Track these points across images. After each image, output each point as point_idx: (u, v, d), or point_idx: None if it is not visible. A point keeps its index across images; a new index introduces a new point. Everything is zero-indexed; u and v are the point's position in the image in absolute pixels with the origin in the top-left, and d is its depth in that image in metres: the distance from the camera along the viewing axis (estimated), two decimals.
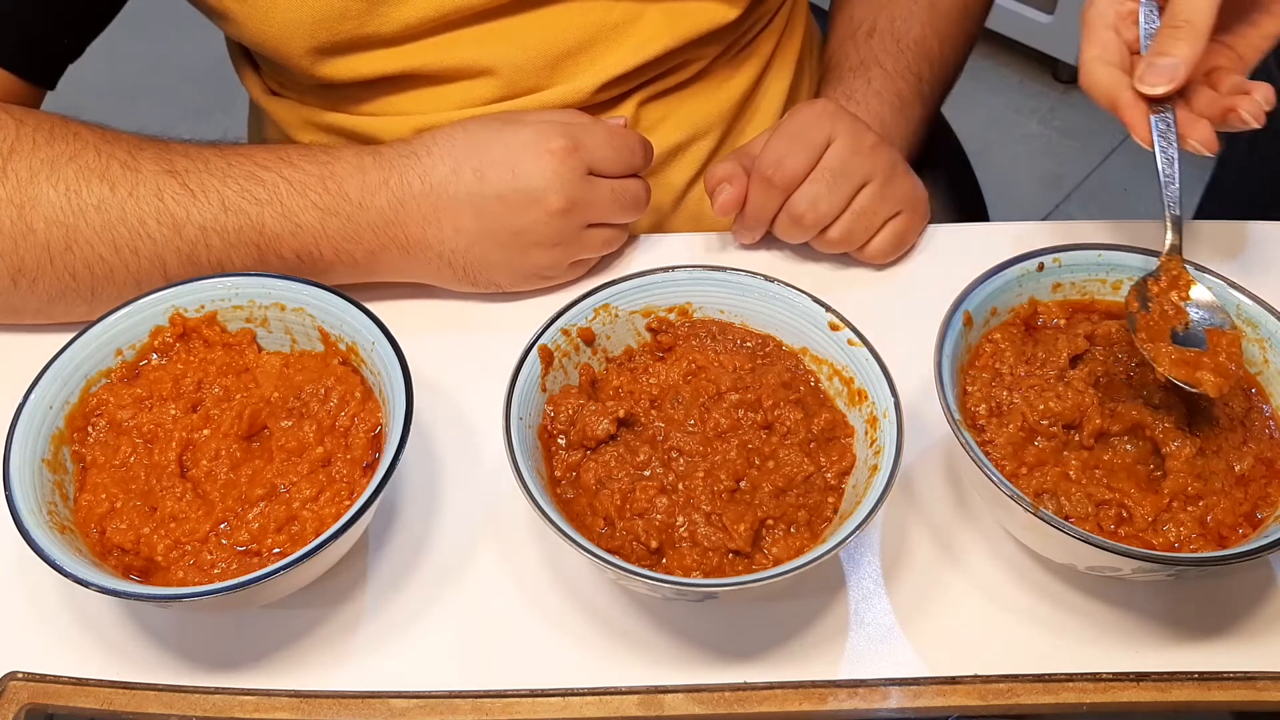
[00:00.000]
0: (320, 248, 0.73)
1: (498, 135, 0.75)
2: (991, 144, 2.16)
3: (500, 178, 0.73)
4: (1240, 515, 0.62)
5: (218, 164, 0.73)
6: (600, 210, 0.77)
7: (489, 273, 0.77)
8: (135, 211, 0.70)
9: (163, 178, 0.71)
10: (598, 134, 0.76)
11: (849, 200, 0.78)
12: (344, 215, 0.73)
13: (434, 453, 0.72)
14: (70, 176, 0.70)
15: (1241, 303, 0.69)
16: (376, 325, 0.66)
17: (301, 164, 0.73)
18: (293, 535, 0.62)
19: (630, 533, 0.62)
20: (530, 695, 0.62)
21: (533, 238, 0.75)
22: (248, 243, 0.72)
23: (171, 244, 0.71)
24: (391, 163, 0.74)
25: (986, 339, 0.69)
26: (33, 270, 0.70)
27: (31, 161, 0.70)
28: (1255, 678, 0.63)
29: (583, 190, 0.75)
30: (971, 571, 0.67)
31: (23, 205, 0.69)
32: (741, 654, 0.64)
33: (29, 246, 0.70)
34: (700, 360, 0.69)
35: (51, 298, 0.72)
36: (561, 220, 0.75)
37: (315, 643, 0.65)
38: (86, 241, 0.70)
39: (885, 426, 0.64)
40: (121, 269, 0.71)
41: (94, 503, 0.63)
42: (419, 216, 0.74)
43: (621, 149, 0.77)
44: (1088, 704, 0.62)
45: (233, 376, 0.69)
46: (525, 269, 0.77)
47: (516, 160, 0.74)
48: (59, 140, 0.71)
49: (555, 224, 0.75)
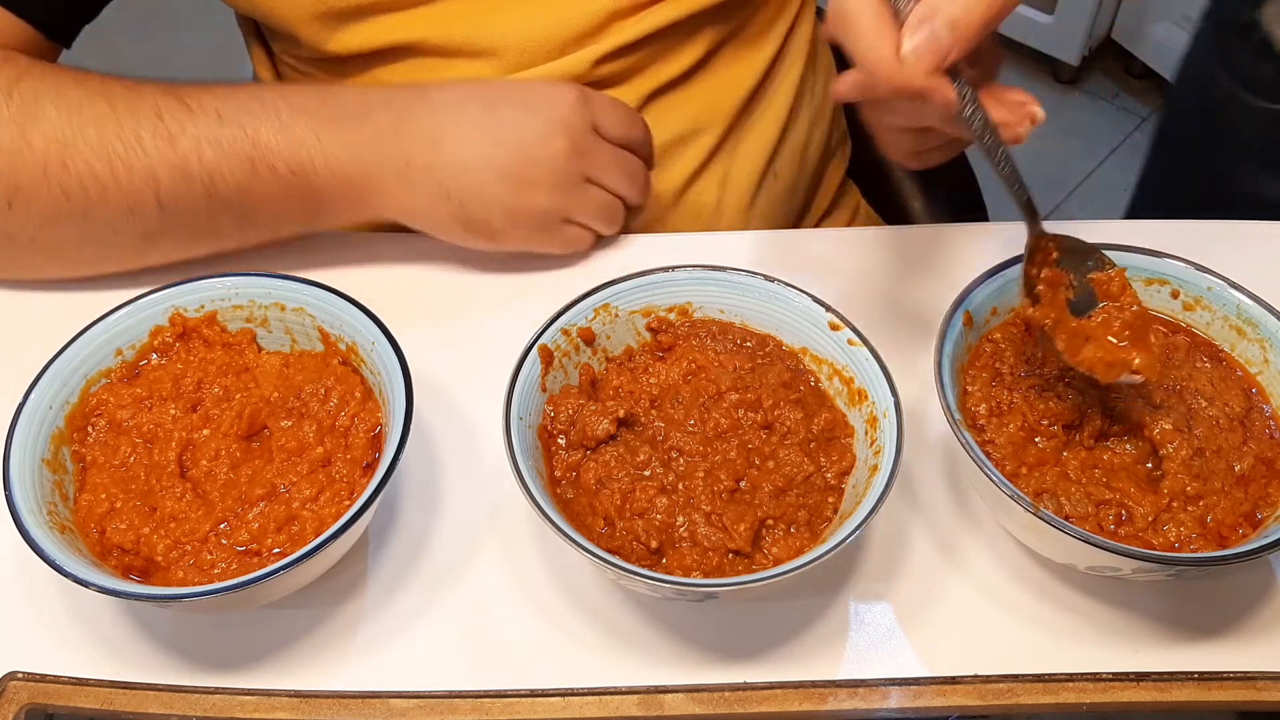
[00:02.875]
0: (314, 160, 0.72)
1: (508, 81, 0.76)
2: None
3: (509, 112, 0.74)
4: (1240, 515, 0.62)
5: (220, 89, 0.73)
6: (603, 166, 0.76)
7: (485, 209, 0.75)
8: (132, 127, 0.70)
9: (163, 97, 0.72)
10: (606, 98, 0.77)
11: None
12: (341, 126, 0.72)
13: (434, 453, 0.72)
14: (73, 97, 0.71)
15: (1241, 303, 0.69)
16: (376, 325, 0.66)
17: (304, 90, 0.74)
18: (293, 535, 0.62)
19: (630, 533, 0.62)
20: (530, 695, 0.62)
21: (535, 174, 0.74)
22: (240, 154, 0.71)
23: (165, 157, 0.71)
24: (396, 90, 0.75)
25: (986, 339, 0.69)
26: (29, 190, 0.70)
27: (39, 85, 0.71)
28: (1255, 678, 0.63)
29: (588, 141, 0.75)
30: (971, 571, 0.67)
31: (24, 124, 0.70)
32: (741, 654, 0.64)
33: (25, 165, 0.70)
34: (700, 360, 0.69)
35: (45, 220, 0.72)
36: (565, 162, 0.74)
37: (315, 643, 0.65)
38: (82, 157, 0.70)
39: (885, 426, 0.64)
40: (114, 188, 0.71)
41: (94, 503, 0.63)
42: (421, 136, 0.73)
43: (626, 118, 0.78)
44: (1088, 704, 0.62)
45: (233, 376, 0.69)
46: (521, 209, 0.76)
47: (527, 98, 0.74)
48: (68, 72, 0.73)
49: (559, 164, 0.74)
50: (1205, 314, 0.70)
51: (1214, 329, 0.70)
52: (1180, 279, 0.70)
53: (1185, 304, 0.70)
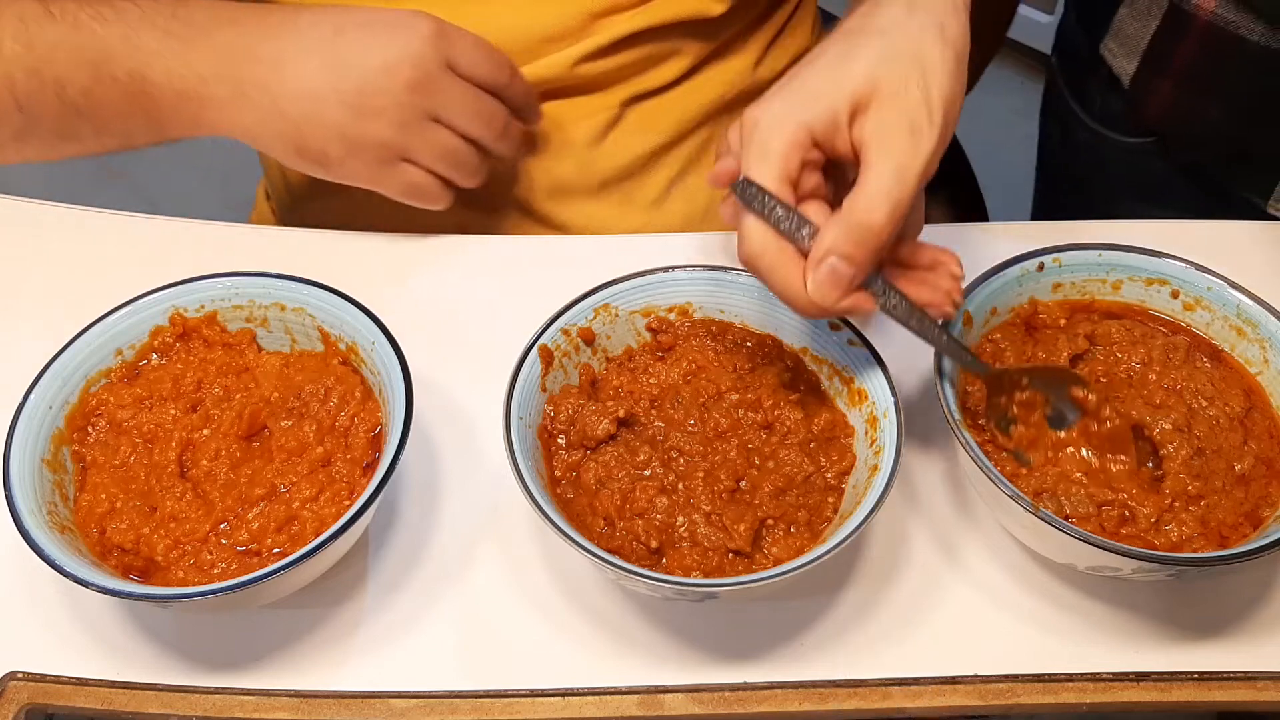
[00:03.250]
0: (153, 71, 0.72)
1: (365, 8, 0.74)
2: (991, 144, 2.16)
3: (359, 37, 0.72)
4: (1242, 515, 0.62)
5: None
6: (451, 106, 0.74)
7: (323, 136, 0.73)
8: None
9: (29, 4, 0.73)
10: (469, 36, 0.75)
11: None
12: (182, 40, 0.72)
13: (434, 453, 0.72)
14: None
15: (1241, 303, 0.69)
16: (376, 325, 0.66)
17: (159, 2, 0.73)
18: (293, 535, 0.62)
19: (630, 533, 0.62)
20: (530, 695, 0.62)
21: (376, 103, 0.73)
22: (87, 61, 0.72)
23: (22, 61, 0.72)
24: (249, 8, 0.74)
25: (986, 339, 0.69)
26: None
27: None
28: (1255, 678, 0.63)
29: (438, 76, 0.73)
30: (971, 571, 0.67)
31: None
32: (741, 654, 0.64)
33: None
34: (700, 360, 0.69)
35: None
36: (408, 95, 0.72)
37: (315, 643, 0.65)
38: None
39: (885, 426, 0.64)
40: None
41: (94, 503, 0.63)
42: (263, 57, 0.72)
43: (489, 58, 0.75)
44: (1088, 704, 0.62)
45: (233, 376, 0.69)
46: (359, 139, 0.74)
47: (380, 26, 0.73)
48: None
49: (401, 98, 0.72)
50: (1205, 314, 0.70)
51: (1214, 329, 0.70)
52: (1180, 279, 0.70)
53: (1185, 304, 0.70)
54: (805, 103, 0.59)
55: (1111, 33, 0.95)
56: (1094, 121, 1.01)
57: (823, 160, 0.61)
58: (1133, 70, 0.94)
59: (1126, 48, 0.94)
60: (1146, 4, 0.92)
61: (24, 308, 0.80)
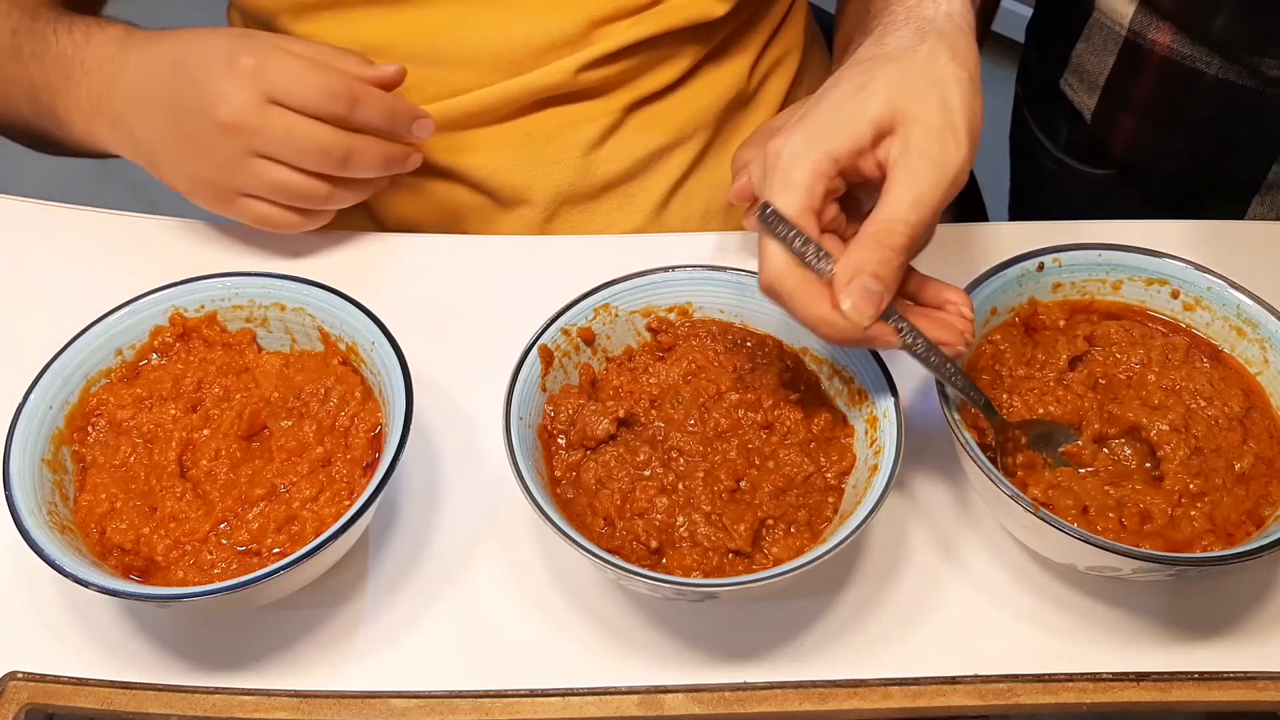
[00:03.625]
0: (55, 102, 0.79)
1: (201, 41, 0.75)
2: (991, 144, 2.16)
3: (187, 77, 0.74)
4: (1243, 513, 0.62)
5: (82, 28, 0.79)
6: (272, 143, 0.73)
7: (170, 172, 0.77)
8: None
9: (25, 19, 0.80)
10: (293, 65, 0.73)
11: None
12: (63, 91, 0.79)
13: (434, 453, 0.72)
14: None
15: (1241, 303, 0.69)
16: (376, 325, 0.66)
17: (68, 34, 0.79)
18: (293, 535, 0.62)
19: (630, 533, 0.62)
20: (530, 695, 0.62)
21: (199, 145, 0.74)
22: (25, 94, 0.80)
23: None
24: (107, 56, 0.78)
25: (986, 340, 0.69)
26: None
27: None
28: (1255, 678, 0.63)
29: (254, 115, 0.72)
30: (971, 571, 0.67)
31: None
32: (741, 654, 0.64)
33: None
34: (700, 360, 0.69)
35: None
36: (224, 137, 0.73)
37: (315, 643, 0.65)
38: None
39: (885, 426, 0.64)
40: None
41: (94, 503, 0.63)
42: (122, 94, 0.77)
43: (322, 90, 0.73)
44: (1088, 704, 0.62)
45: (233, 376, 0.69)
46: (192, 175, 0.76)
47: (204, 68, 0.74)
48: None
49: (218, 140, 0.73)
50: (1205, 314, 0.70)
51: (1214, 329, 0.70)
52: (1180, 279, 0.70)
53: (1185, 304, 0.70)
54: (828, 133, 0.60)
55: (1070, 68, 0.96)
56: (1060, 152, 1.02)
57: (842, 189, 0.61)
58: (1094, 105, 0.95)
59: (1086, 83, 0.95)
60: (1102, 39, 0.92)
61: (24, 308, 0.80)
